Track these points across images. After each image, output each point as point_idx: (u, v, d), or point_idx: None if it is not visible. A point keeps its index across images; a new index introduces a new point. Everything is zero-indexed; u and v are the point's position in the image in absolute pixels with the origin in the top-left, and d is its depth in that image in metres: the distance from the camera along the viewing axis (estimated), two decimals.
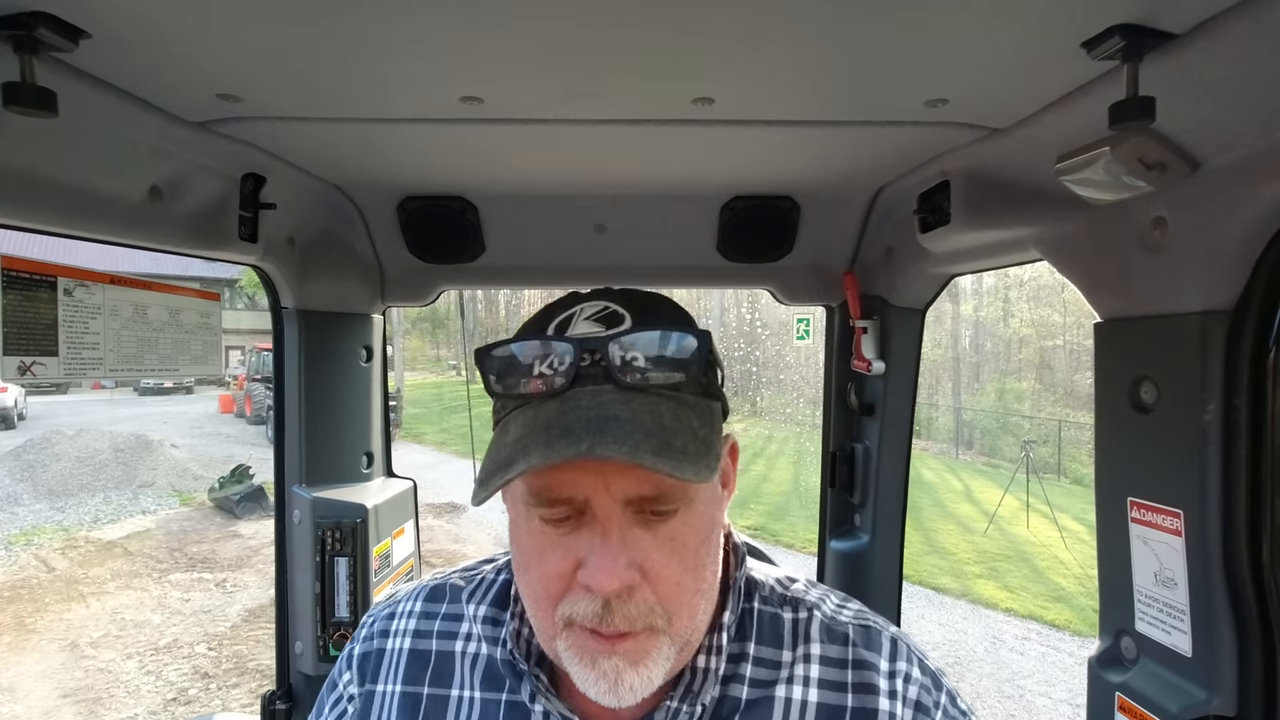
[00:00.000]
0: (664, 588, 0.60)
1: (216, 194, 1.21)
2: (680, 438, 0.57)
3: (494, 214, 1.60)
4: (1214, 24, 0.67)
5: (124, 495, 12.53)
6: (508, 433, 0.61)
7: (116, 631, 7.22)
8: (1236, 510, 0.85)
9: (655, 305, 0.68)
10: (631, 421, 0.56)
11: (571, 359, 0.60)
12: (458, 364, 34.95)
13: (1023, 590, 8.92)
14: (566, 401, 0.59)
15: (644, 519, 0.60)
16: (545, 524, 0.61)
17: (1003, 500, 12.11)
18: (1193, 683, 0.90)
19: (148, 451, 14.60)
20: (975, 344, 29.58)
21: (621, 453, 0.53)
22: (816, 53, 0.80)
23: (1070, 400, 25.09)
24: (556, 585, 0.61)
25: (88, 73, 0.84)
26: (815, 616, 0.73)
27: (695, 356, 0.62)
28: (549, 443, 0.55)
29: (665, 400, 0.60)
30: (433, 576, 0.84)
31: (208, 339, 1.27)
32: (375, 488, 1.73)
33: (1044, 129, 0.97)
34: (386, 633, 0.79)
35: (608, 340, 0.60)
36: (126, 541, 10.08)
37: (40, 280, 0.95)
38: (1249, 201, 0.78)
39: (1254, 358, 0.83)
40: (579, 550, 0.59)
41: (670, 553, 0.60)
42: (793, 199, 1.55)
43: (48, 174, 0.89)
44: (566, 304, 0.68)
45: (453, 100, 0.96)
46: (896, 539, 1.75)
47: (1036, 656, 7.08)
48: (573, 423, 0.56)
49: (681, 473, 0.54)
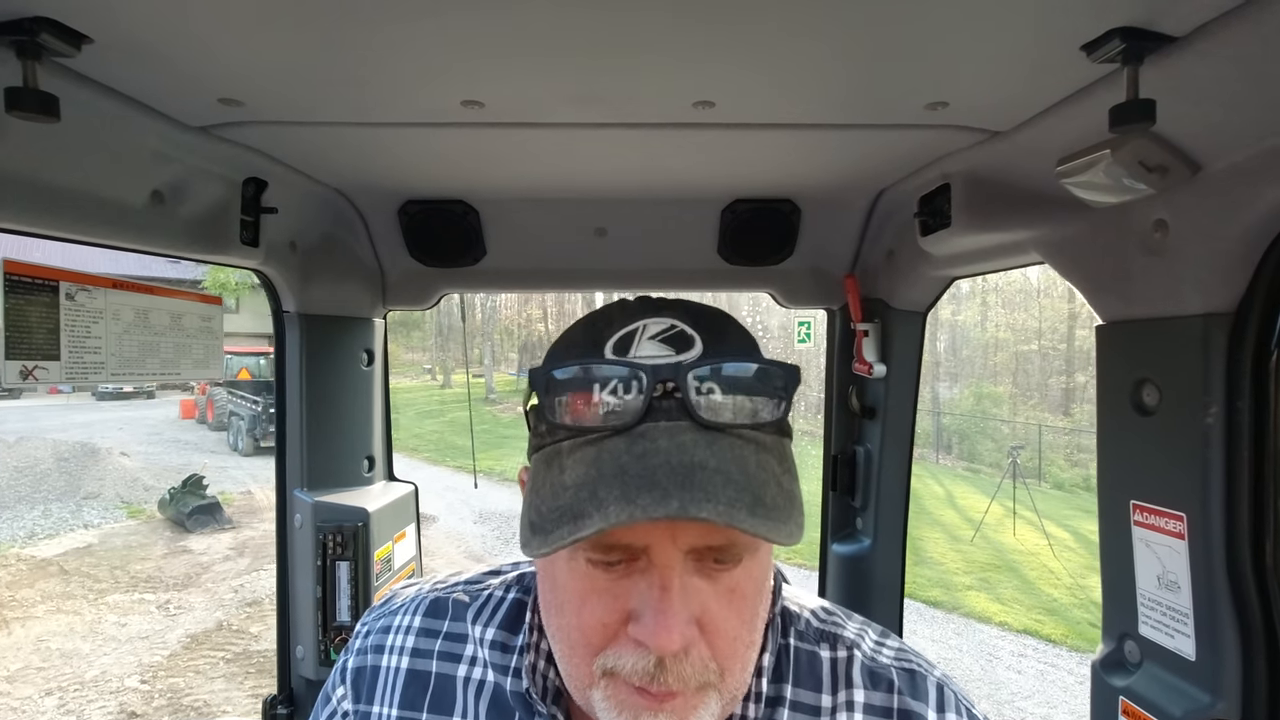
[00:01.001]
0: (721, 643, 0.55)
1: (218, 198, 1.21)
2: (769, 491, 0.51)
3: (495, 217, 1.60)
4: (1214, 27, 0.67)
5: (66, 508, 11.72)
6: (564, 471, 0.54)
7: (39, 663, 6.42)
8: (1239, 513, 0.85)
9: (722, 325, 0.61)
10: (720, 472, 0.50)
11: (643, 389, 0.53)
12: (432, 368, 34.72)
13: (1015, 603, 8.74)
14: (638, 441, 0.52)
15: (704, 568, 0.54)
16: (593, 566, 0.54)
17: (989, 508, 11.92)
18: (1196, 686, 0.89)
19: (94, 460, 13.87)
20: (953, 348, 29.63)
21: (717, 514, 0.47)
22: (817, 56, 0.80)
23: (1046, 404, 25.18)
24: (599, 636, 0.55)
25: (90, 77, 0.84)
26: (856, 657, 0.67)
27: (781, 395, 0.56)
28: (629, 495, 0.48)
29: (747, 444, 0.53)
30: (433, 587, 0.78)
31: (209, 343, 1.27)
32: (376, 491, 1.73)
33: (1045, 132, 0.97)
34: (381, 648, 0.74)
35: (685, 369, 0.54)
36: (63, 559, 9.31)
37: (42, 284, 0.96)
38: (1250, 204, 0.78)
39: (1256, 360, 0.83)
40: (630, 599, 0.53)
41: (729, 605, 0.55)
42: (794, 202, 1.55)
43: (50, 178, 0.89)
44: (623, 317, 0.60)
45: (454, 104, 0.96)
46: (898, 542, 1.74)
47: (1035, 675, 6.87)
48: (654, 470, 0.49)
49: (776, 535, 0.49)
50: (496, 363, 35.21)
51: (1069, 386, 24.98)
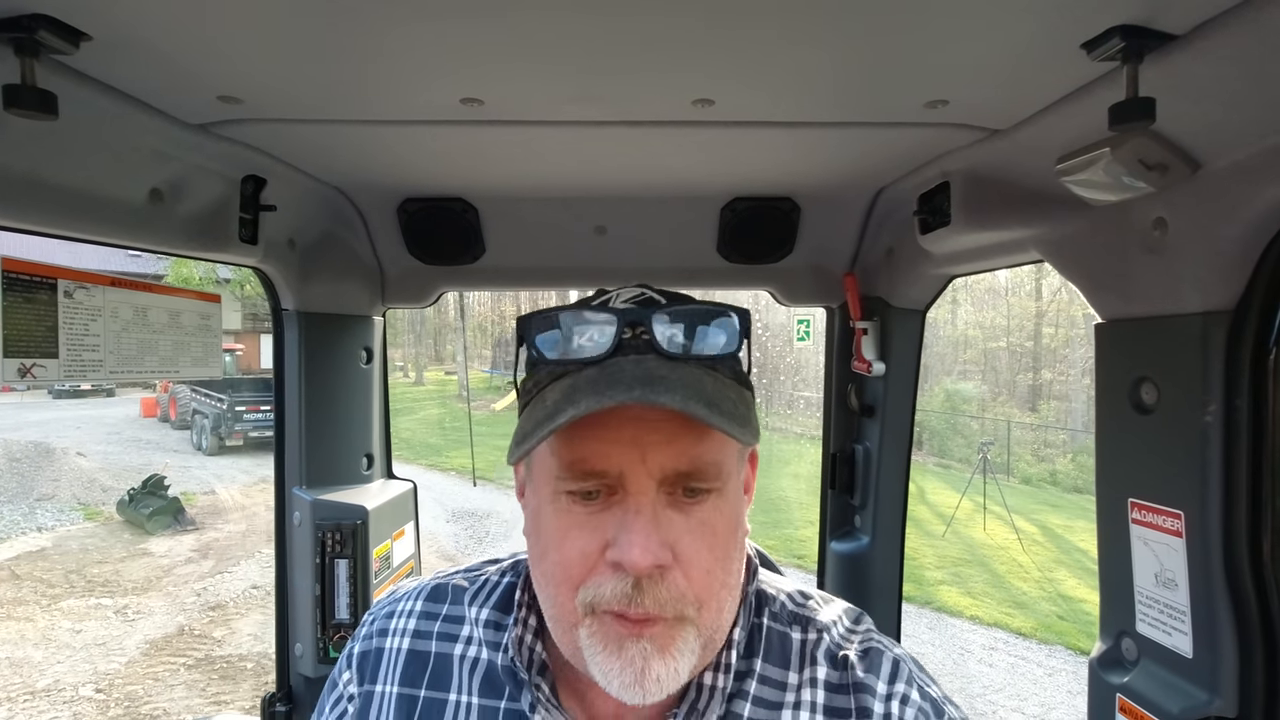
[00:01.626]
0: (695, 573, 0.59)
1: (217, 196, 1.21)
2: (725, 402, 0.58)
3: (494, 215, 1.60)
4: (1214, 25, 0.67)
5: (18, 510, 11.33)
6: (545, 400, 0.60)
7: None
8: (1237, 511, 0.85)
9: (686, 299, 0.69)
10: (680, 382, 0.56)
11: (615, 329, 0.61)
12: (404, 365, 34.54)
13: (985, 596, 8.86)
14: (608, 367, 0.59)
15: (676, 501, 0.59)
16: (573, 502, 0.59)
17: (960, 504, 12.12)
18: (1194, 684, 0.90)
19: (49, 461, 13.49)
20: (926, 344, 29.92)
21: (674, 401, 0.53)
22: (817, 54, 0.80)
23: (1014, 400, 25.45)
24: (580, 567, 0.59)
25: (88, 75, 0.84)
26: (824, 640, 0.70)
27: (736, 334, 0.63)
28: (598, 391, 0.55)
29: (706, 372, 0.60)
30: (435, 576, 0.83)
31: (208, 340, 1.27)
32: (375, 489, 1.73)
33: (1044, 130, 0.97)
34: (385, 631, 0.77)
35: (651, 313, 0.61)
36: (14, 563, 9.08)
37: (41, 282, 0.95)
38: (1249, 202, 0.78)
39: (1254, 358, 0.83)
40: (608, 529, 0.58)
41: (701, 538, 0.59)
42: (793, 200, 1.55)
43: (48, 176, 0.89)
44: (600, 293, 0.69)
45: (453, 102, 0.96)
46: (897, 540, 1.75)
47: (1005, 668, 6.99)
48: (619, 379, 0.56)
49: (731, 429, 0.55)
50: (470, 359, 35.00)
51: (1035, 383, 25.25)
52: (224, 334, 3.13)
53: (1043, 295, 25.16)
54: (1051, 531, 12.03)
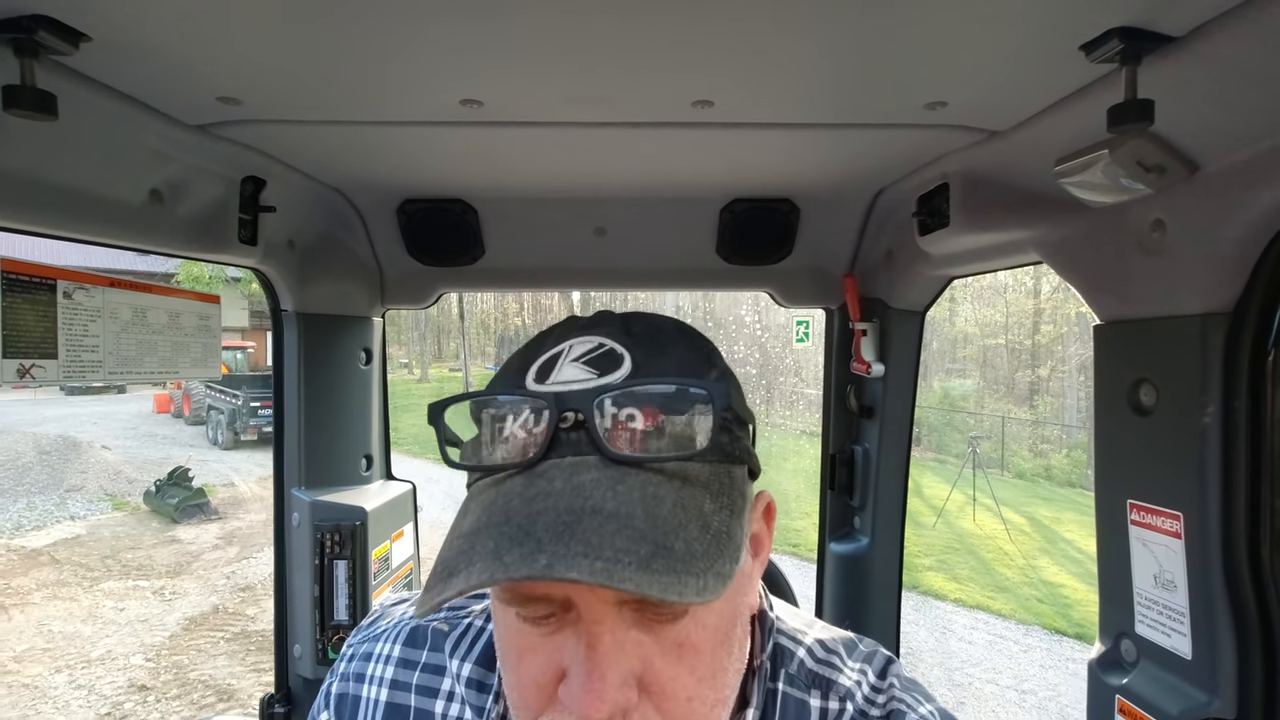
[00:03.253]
0: (672, 706, 0.48)
1: (216, 197, 1.21)
2: (684, 534, 0.44)
3: (494, 216, 1.60)
4: (1212, 27, 0.67)
5: (50, 500, 11.86)
6: (466, 515, 0.48)
7: (43, 644, 6.81)
8: (1236, 512, 0.85)
9: (663, 340, 0.55)
10: (615, 517, 0.43)
11: (548, 420, 0.47)
12: (409, 362, 34.84)
13: (970, 581, 9.31)
14: (535, 481, 0.46)
15: (644, 620, 0.47)
16: (523, 621, 0.49)
17: (950, 495, 12.60)
18: (1193, 685, 0.90)
19: (76, 454, 13.92)
20: (924, 342, 30.42)
21: (593, 572, 0.39)
22: (816, 56, 0.80)
23: (1011, 397, 25.77)
24: (535, 697, 0.49)
25: (88, 76, 0.84)
26: (847, 710, 0.61)
27: (709, 420, 0.48)
28: (499, 550, 0.42)
29: (668, 479, 0.47)
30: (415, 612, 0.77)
31: (207, 341, 1.27)
32: (374, 490, 1.72)
33: (1043, 132, 0.97)
34: (362, 677, 0.71)
35: (593, 395, 0.48)
36: (53, 549, 9.54)
37: (40, 283, 0.95)
38: (1247, 204, 0.78)
39: (1253, 360, 0.83)
40: (562, 657, 0.48)
41: (678, 660, 0.48)
42: (792, 201, 1.55)
43: (48, 177, 0.89)
44: (554, 337, 0.56)
45: (453, 103, 0.96)
46: (896, 541, 1.75)
47: (984, 645, 7.48)
48: (535, 519, 0.43)
49: (679, 592, 0.41)
50: (473, 356, 35.35)
51: (1034, 380, 25.52)
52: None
53: (1040, 294, 25.28)
54: (1039, 523, 12.55)
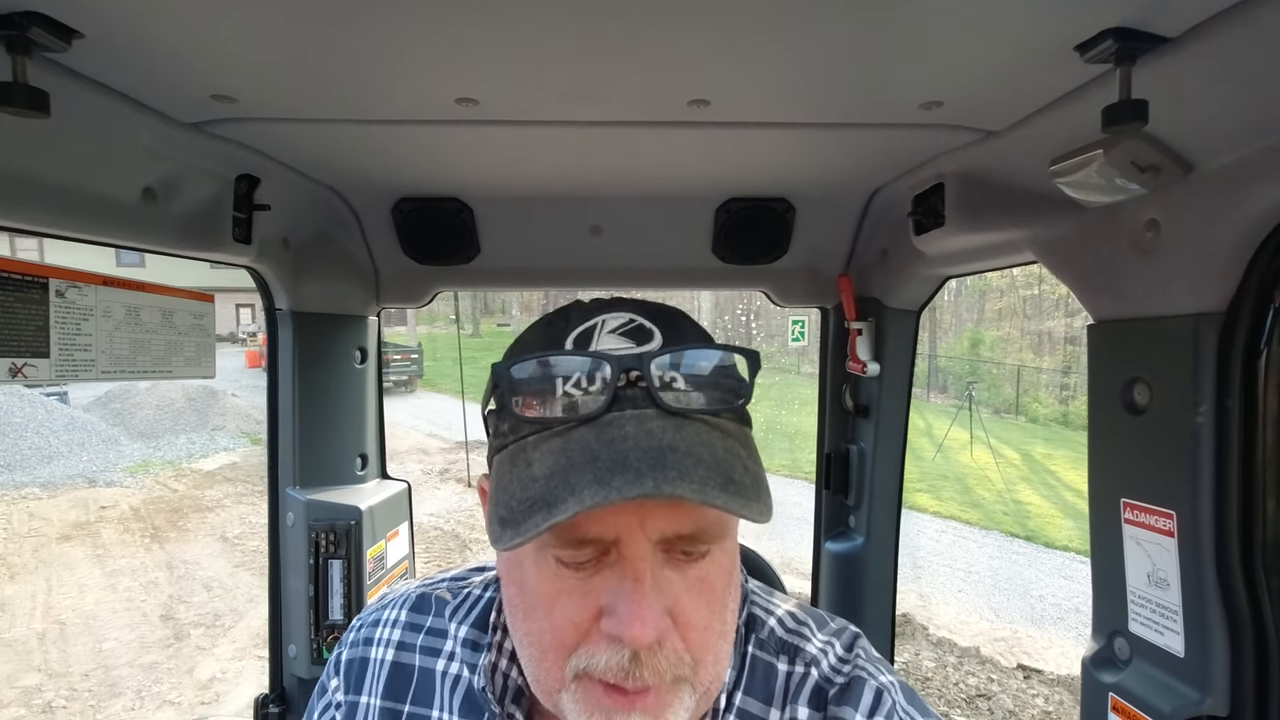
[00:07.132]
0: (693, 634, 0.55)
1: (210, 195, 1.20)
2: (738, 472, 0.51)
3: (489, 215, 1.60)
4: (1206, 28, 0.67)
5: (203, 437, 14.58)
6: (531, 464, 0.53)
7: (250, 530, 9.21)
8: (1229, 511, 0.86)
9: (677, 319, 0.62)
10: (690, 454, 0.49)
11: (608, 378, 0.53)
12: (461, 319, 35.56)
13: (951, 500, 11.15)
14: (606, 429, 0.51)
15: (674, 559, 0.54)
16: (562, 565, 0.54)
17: (948, 433, 14.60)
18: (1185, 683, 0.90)
19: (214, 400, 16.60)
20: (953, 293, 31.55)
21: (692, 491, 0.46)
22: (812, 55, 0.80)
23: (1037, 346, 26.83)
24: (571, 635, 0.54)
25: (81, 73, 0.84)
26: (811, 675, 0.66)
27: (744, 381, 0.57)
28: (602, 478, 0.48)
29: (712, 429, 0.54)
30: (422, 582, 0.81)
31: (201, 340, 1.26)
32: (370, 490, 1.72)
33: (1038, 131, 0.97)
34: (371, 640, 0.76)
35: (649, 359, 0.54)
36: (223, 471, 12.13)
37: (32, 281, 0.95)
38: (1241, 204, 0.79)
39: (1246, 359, 0.83)
40: (601, 595, 0.53)
41: (699, 595, 0.55)
42: (788, 201, 1.56)
43: (40, 175, 0.88)
44: (581, 314, 0.61)
45: (448, 102, 0.96)
46: (891, 540, 1.75)
47: (949, 543, 9.33)
48: (626, 454, 0.49)
49: (748, 511, 0.49)
50: (522, 310, 37.93)
51: (1067, 330, 26.51)
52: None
53: None
54: (1031, 458, 14.40)
